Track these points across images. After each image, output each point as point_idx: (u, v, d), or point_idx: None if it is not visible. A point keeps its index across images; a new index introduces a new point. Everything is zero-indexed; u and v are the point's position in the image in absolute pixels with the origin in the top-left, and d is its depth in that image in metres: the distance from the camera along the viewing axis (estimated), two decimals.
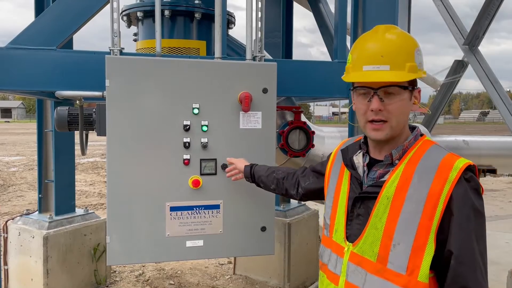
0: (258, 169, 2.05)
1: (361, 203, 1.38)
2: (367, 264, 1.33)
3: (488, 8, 3.88)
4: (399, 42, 1.31)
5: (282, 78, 2.49)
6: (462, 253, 1.22)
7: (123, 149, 2.19)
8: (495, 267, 4.94)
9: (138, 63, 2.19)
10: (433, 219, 1.23)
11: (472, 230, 1.23)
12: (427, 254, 1.24)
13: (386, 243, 1.29)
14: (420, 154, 1.31)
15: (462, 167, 1.23)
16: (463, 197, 1.23)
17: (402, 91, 1.29)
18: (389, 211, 1.29)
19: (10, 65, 2.37)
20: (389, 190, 1.30)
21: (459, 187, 1.23)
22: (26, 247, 3.74)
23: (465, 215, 1.23)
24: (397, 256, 1.27)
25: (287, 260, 4.21)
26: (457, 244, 1.23)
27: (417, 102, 1.35)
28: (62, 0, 2.49)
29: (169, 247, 2.26)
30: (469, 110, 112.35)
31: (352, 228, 1.40)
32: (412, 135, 1.37)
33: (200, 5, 3.16)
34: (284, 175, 1.93)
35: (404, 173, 1.30)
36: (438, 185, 1.23)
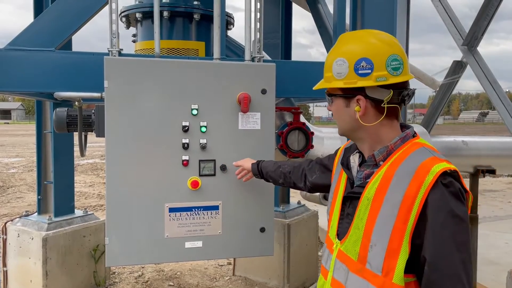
0: (265, 164, 2.10)
1: (350, 202, 1.41)
2: (350, 263, 1.37)
3: (486, 8, 3.89)
4: (330, 54, 1.43)
5: (281, 79, 2.49)
6: (435, 260, 1.21)
7: (122, 150, 2.19)
8: (494, 268, 4.94)
9: (136, 64, 2.19)
10: (407, 223, 1.22)
11: (449, 237, 1.20)
12: (401, 257, 1.23)
13: (365, 244, 1.31)
14: (403, 156, 1.31)
15: (439, 172, 1.21)
16: (439, 202, 1.21)
17: (334, 97, 1.42)
18: (369, 212, 1.31)
19: (9, 66, 2.37)
20: (370, 191, 1.32)
21: (434, 192, 1.21)
22: (25, 248, 3.73)
23: (440, 220, 1.20)
24: (374, 257, 1.29)
25: (286, 261, 4.21)
26: (430, 250, 1.21)
27: (359, 109, 1.36)
28: (61, 2, 2.50)
29: (168, 248, 2.26)
30: (468, 110, 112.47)
31: (342, 227, 1.43)
32: (399, 137, 1.37)
33: (199, 6, 3.16)
34: (290, 169, 1.99)
35: (385, 175, 1.30)
36: (413, 189, 1.22)
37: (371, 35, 1.38)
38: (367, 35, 1.39)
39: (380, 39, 1.36)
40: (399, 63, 1.32)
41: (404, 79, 1.34)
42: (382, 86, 1.32)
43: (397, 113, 1.37)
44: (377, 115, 1.35)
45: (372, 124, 1.35)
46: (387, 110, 1.33)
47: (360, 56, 1.33)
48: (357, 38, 1.40)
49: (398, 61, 1.32)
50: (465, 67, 4.47)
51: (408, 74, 1.36)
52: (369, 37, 1.37)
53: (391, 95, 1.32)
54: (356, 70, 1.32)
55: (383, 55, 1.32)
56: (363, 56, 1.32)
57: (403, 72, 1.33)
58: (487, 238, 6.01)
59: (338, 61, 1.35)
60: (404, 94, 1.35)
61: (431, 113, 4.75)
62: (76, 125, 2.56)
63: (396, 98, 1.34)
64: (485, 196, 9.53)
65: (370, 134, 1.38)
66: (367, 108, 1.35)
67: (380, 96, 1.33)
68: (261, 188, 2.35)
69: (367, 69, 1.32)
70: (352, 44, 1.37)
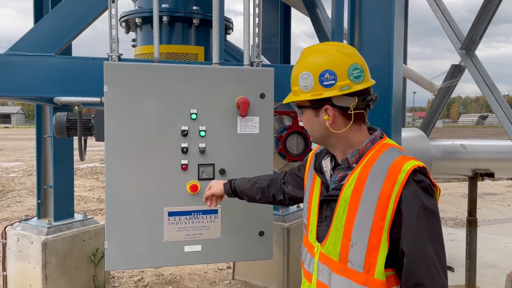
0: (238, 183, 1.98)
1: (327, 205, 1.48)
2: (332, 264, 1.42)
3: (484, 12, 3.91)
4: (295, 68, 1.50)
5: (280, 83, 2.50)
6: (413, 251, 1.29)
7: (121, 155, 2.20)
8: (494, 271, 4.95)
9: (136, 69, 2.20)
10: (384, 219, 1.31)
11: (423, 229, 1.29)
12: (381, 253, 1.32)
13: (345, 244, 1.38)
14: (374, 157, 1.40)
15: (410, 169, 1.30)
16: (412, 198, 1.30)
17: (303, 109, 1.48)
18: (347, 213, 1.38)
19: (9, 71, 2.38)
20: (346, 192, 1.39)
21: (407, 188, 1.30)
22: (24, 253, 3.74)
23: (414, 214, 1.29)
24: (355, 255, 1.36)
25: (286, 264, 4.21)
26: (407, 243, 1.29)
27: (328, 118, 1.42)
28: (61, 7, 2.51)
29: (167, 252, 2.27)
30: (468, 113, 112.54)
31: (321, 229, 1.49)
32: (368, 139, 1.45)
33: (198, 11, 3.18)
34: (267, 183, 1.93)
35: (360, 176, 1.38)
36: (387, 187, 1.31)
37: (333, 48, 1.47)
38: (329, 48, 1.48)
39: (340, 50, 1.45)
40: (360, 71, 1.42)
41: (366, 85, 1.44)
42: (347, 94, 1.41)
43: (363, 117, 1.47)
44: (346, 121, 1.43)
45: (342, 131, 1.43)
46: (354, 115, 1.42)
47: (324, 68, 1.41)
48: (319, 51, 1.48)
49: (359, 69, 1.42)
50: (463, 71, 4.49)
51: (369, 80, 1.46)
52: (330, 50, 1.46)
53: (356, 101, 1.41)
54: (321, 82, 1.41)
55: (345, 65, 1.41)
56: (326, 68, 1.41)
57: (365, 79, 1.43)
58: (487, 241, 6.02)
59: (303, 75, 1.44)
60: (368, 99, 1.44)
61: (429, 116, 4.76)
62: (75, 130, 2.57)
63: (361, 104, 1.43)
64: (485, 199, 9.54)
65: (341, 139, 1.46)
66: (335, 116, 1.43)
67: (346, 104, 1.42)
68: None
69: (331, 80, 1.40)
70: (315, 57, 1.46)
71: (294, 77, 1.48)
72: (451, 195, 9.95)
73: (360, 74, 1.41)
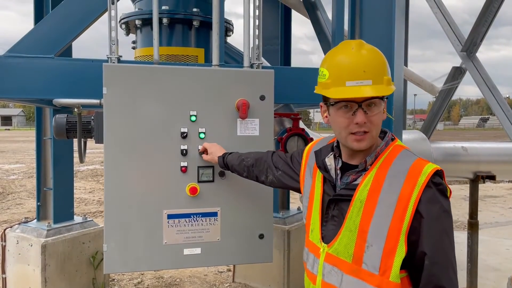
0: (230, 158, 2.07)
1: (335, 205, 1.44)
2: (343, 265, 1.39)
3: (485, 15, 3.91)
4: (375, 56, 1.37)
5: (280, 85, 2.49)
6: (435, 253, 1.28)
7: (121, 157, 2.19)
8: (495, 274, 4.92)
9: (135, 71, 2.20)
10: (403, 221, 1.29)
11: (443, 230, 1.30)
12: (397, 255, 1.30)
13: (360, 245, 1.35)
14: (391, 159, 1.38)
15: (431, 172, 1.30)
16: (432, 200, 1.29)
17: (381, 102, 1.37)
18: (362, 214, 1.36)
19: (9, 73, 2.38)
20: (362, 193, 1.36)
21: (427, 190, 1.29)
22: (24, 255, 3.72)
23: (434, 216, 1.29)
24: (370, 257, 1.33)
25: (286, 267, 4.19)
26: (429, 245, 1.28)
27: (385, 111, 1.41)
28: (60, 9, 2.51)
29: (166, 255, 2.25)
30: (469, 116, 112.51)
31: (327, 229, 1.46)
32: (383, 141, 1.43)
33: (198, 13, 3.18)
34: (253, 162, 1.96)
35: (376, 178, 1.36)
36: (407, 189, 1.30)
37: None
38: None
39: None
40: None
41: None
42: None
43: None
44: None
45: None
46: None
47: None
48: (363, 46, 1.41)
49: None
50: (464, 73, 4.48)
51: None
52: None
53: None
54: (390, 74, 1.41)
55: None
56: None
57: None
58: (488, 244, 5.99)
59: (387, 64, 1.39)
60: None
61: (430, 119, 4.75)
62: (75, 132, 2.56)
63: None
64: (486, 202, 9.52)
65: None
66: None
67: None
68: (260, 194, 2.35)
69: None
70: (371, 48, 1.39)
71: (385, 64, 1.37)
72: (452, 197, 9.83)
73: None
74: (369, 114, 1.34)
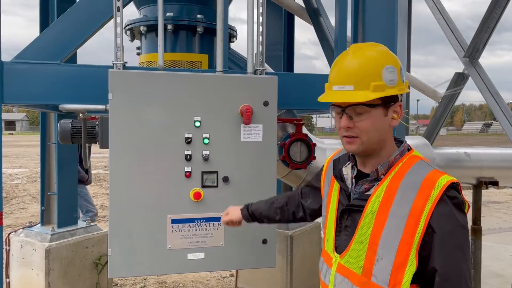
0: (255, 207, 1.92)
1: (348, 215, 1.41)
2: (353, 277, 1.35)
3: (487, 21, 3.92)
4: (365, 61, 1.32)
5: (283, 91, 2.51)
6: (447, 270, 1.23)
7: (125, 162, 2.21)
8: (498, 280, 4.90)
9: (140, 77, 2.22)
10: (414, 235, 1.24)
11: (457, 246, 1.24)
12: (408, 269, 1.25)
13: (370, 257, 1.31)
14: (404, 170, 1.33)
15: (445, 185, 1.25)
16: (446, 214, 1.24)
17: (370, 109, 1.31)
18: (373, 225, 1.31)
19: (15, 79, 2.40)
20: (373, 204, 1.32)
21: (441, 204, 1.24)
22: (28, 259, 3.74)
23: (448, 231, 1.23)
24: (380, 270, 1.29)
25: (289, 273, 4.18)
26: (440, 261, 1.23)
27: (397, 117, 1.36)
28: (67, 16, 2.54)
29: (170, 260, 2.27)
30: (472, 121, 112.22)
31: (340, 240, 1.43)
32: (398, 150, 1.39)
33: (202, 19, 3.21)
34: (285, 200, 1.87)
35: (389, 189, 1.31)
36: (420, 202, 1.25)
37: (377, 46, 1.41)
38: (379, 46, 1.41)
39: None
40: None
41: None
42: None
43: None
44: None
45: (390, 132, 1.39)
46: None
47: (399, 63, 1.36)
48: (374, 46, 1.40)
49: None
50: (467, 79, 4.49)
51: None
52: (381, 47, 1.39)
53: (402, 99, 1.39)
54: (402, 77, 1.36)
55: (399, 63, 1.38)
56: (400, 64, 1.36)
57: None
58: (491, 250, 5.97)
59: (388, 68, 1.32)
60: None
61: (433, 124, 4.75)
62: (80, 137, 2.59)
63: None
64: (489, 208, 9.48)
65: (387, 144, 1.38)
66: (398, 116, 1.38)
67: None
68: (263, 199, 2.36)
69: (403, 75, 1.37)
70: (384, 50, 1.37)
71: (375, 70, 1.31)
72: None
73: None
74: (355, 119, 1.32)
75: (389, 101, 1.34)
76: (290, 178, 3.36)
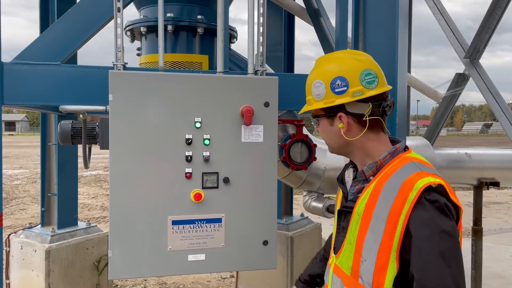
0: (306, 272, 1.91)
1: (344, 216, 1.45)
2: (344, 277, 1.39)
3: (488, 22, 3.92)
4: (309, 77, 1.51)
5: (284, 91, 2.50)
6: (424, 277, 1.19)
7: (126, 163, 2.20)
8: (500, 281, 4.90)
9: (141, 78, 2.21)
10: (393, 239, 1.24)
11: (437, 253, 1.19)
12: (389, 272, 1.25)
13: (357, 258, 1.33)
14: (391, 171, 1.33)
15: (422, 187, 1.22)
16: (424, 219, 1.21)
17: (318, 118, 1.49)
18: (359, 227, 1.33)
19: (15, 80, 2.39)
20: (360, 206, 1.34)
21: (418, 207, 1.22)
22: (28, 261, 3.73)
23: (426, 237, 1.20)
24: (365, 271, 1.31)
25: (290, 274, 4.18)
26: (417, 266, 1.20)
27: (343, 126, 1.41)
28: (67, 16, 2.53)
29: (171, 261, 2.26)
30: (472, 122, 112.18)
31: (338, 241, 1.47)
32: (388, 151, 1.39)
33: (202, 20, 3.20)
34: (324, 247, 1.89)
35: (374, 191, 1.32)
36: (398, 205, 1.24)
37: (345, 55, 1.46)
38: (341, 55, 1.47)
39: (353, 57, 1.43)
40: (373, 77, 1.38)
41: (380, 91, 1.39)
42: (360, 100, 1.37)
43: (381, 125, 1.41)
44: (361, 129, 1.40)
45: (356, 138, 1.40)
46: (370, 122, 1.38)
47: (335, 75, 1.39)
48: (331, 59, 1.47)
49: (372, 74, 1.38)
50: (468, 80, 4.49)
51: (384, 86, 1.41)
52: (343, 57, 1.45)
53: (370, 108, 1.37)
54: (333, 89, 1.39)
55: (356, 71, 1.38)
56: (337, 75, 1.39)
57: (379, 85, 1.39)
58: (492, 251, 5.96)
59: (315, 83, 1.43)
60: (384, 106, 1.40)
61: (434, 125, 4.75)
62: (80, 137, 2.58)
63: (377, 110, 1.39)
64: (490, 209, 9.47)
65: (358, 148, 1.42)
66: (350, 124, 1.40)
67: (361, 111, 1.38)
68: (264, 200, 2.35)
69: (342, 86, 1.38)
70: (327, 65, 1.45)
71: (308, 86, 1.48)
72: None
73: (374, 80, 1.38)
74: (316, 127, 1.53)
75: (330, 112, 1.42)
76: (290, 179, 3.36)
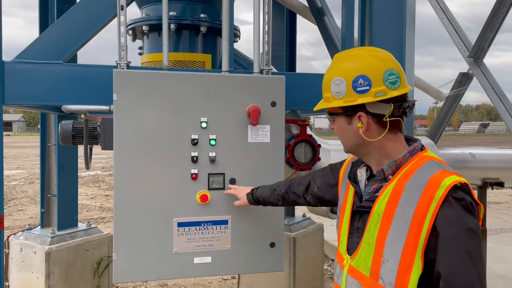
0: (260, 193, 2.06)
1: (359, 216, 1.42)
2: (362, 278, 1.35)
3: (492, 20, 3.89)
4: (327, 74, 1.45)
5: (287, 91, 2.46)
6: (451, 275, 1.18)
7: (130, 164, 2.16)
8: (502, 281, 4.87)
9: (146, 77, 2.17)
10: (419, 238, 1.22)
11: (464, 251, 1.19)
12: (414, 272, 1.23)
13: (377, 259, 1.30)
14: (412, 170, 1.31)
15: (449, 185, 1.21)
16: (451, 217, 1.20)
17: (334, 116, 1.44)
18: (380, 227, 1.31)
19: (17, 79, 2.35)
20: (380, 206, 1.32)
21: (446, 205, 1.21)
22: (27, 262, 3.68)
23: (453, 235, 1.19)
24: (386, 272, 1.28)
25: (292, 275, 4.14)
26: (445, 265, 1.19)
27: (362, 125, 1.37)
28: (69, 14, 2.49)
29: (176, 264, 2.22)
30: (468, 122, 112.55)
31: (352, 241, 1.43)
32: (407, 150, 1.38)
33: (205, 18, 3.16)
34: (286, 188, 1.97)
35: (395, 190, 1.31)
36: (423, 203, 1.22)
37: (366, 52, 1.42)
38: (362, 53, 1.43)
39: (375, 55, 1.39)
40: (396, 77, 1.35)
41: (402, 91, 1.37)
42: (382, 100, 1.34)
43: (400, 126, 1.40)
44: (380, 129, 1.37)
45: (376, 139, 1.37)
46: (390, 123, 1.35)
47: (357, 74, 1.35)
48: (352, 57, 1.43)
49: (395, 75, 1.35)
50: (471, 79, 4.46)
51: (406, 86, 1.39)
52: (364, 55, 1.41)
53: (391, 108, 1.35)
54: (355, 88, 1.35)
55: (380, 71, 1.35)
56: (360, 74, 1.35)
57: (401, 85, 1.37)
58: (494, 251, 5.94)
59: (335, 81, 1.38)
60: (404, 106, 1.37)
61: (437, 125, 4.73)
62: (81, 138, 2.53)
63: (397, 111, 1.37)
64: (490, 208, 9.47)
65: (376, 148, 1.39)
66: (369, 124, 1.37)
67: (381, 111, 1.35)
68: None
69: (365, 85, 1.35)
70: (348, 62, 1.40)
71: (326, 83, 1.43)
72: None
73: (396, 80, 1.35)
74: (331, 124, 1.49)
75: (350, 111, 1.38)
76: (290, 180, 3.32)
